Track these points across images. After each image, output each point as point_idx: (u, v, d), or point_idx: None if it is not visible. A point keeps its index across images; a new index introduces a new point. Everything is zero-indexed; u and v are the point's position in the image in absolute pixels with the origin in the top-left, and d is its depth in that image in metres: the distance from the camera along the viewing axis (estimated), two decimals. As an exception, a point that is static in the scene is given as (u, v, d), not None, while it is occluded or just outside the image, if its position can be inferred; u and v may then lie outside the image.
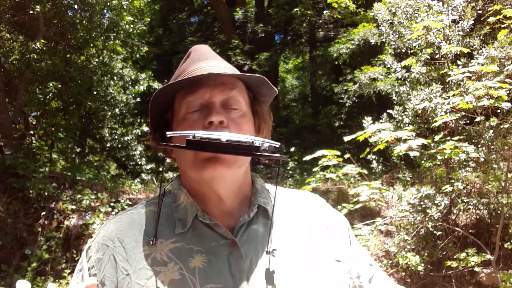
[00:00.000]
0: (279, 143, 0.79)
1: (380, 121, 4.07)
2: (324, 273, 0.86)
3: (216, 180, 0.84)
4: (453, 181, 3.94)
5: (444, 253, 4.08)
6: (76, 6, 6.65)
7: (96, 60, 7.51)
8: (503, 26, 3.41)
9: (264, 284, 0.81)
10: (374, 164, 5.81)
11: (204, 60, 0.92)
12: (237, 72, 0.92)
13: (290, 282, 0.82)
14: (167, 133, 0.79)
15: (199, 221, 0.85)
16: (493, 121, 3.32)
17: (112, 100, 8.11)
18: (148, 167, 9.48)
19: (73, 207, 5.62)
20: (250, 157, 0.88)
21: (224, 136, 0.74)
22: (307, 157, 3.73)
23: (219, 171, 0.82)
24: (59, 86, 7.21)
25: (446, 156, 3.32)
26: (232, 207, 0.89)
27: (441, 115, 3.43)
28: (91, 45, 7.10)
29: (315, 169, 5.20)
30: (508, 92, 2.97)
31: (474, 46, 3.88)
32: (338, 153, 3.71)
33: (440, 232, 4.08)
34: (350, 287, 0.92)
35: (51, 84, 7.02)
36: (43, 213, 5.54)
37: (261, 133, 0.96)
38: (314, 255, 0.88)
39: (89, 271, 0.86)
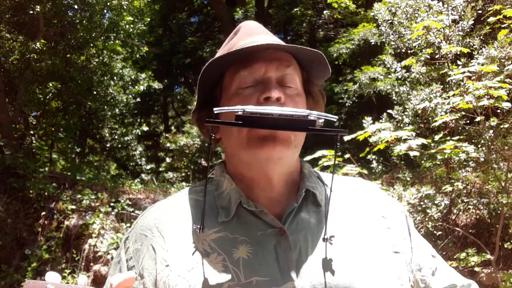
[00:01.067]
0: (337, 117, 0.73)
1: (380, 121, 4.06)
2: (383, 265, 0.79)
3: (272, 161, 0.78)
4: (453, 181, 3.94)
5: (444, 253, 4.08)
6: (76, 6, 6.65)
7: (96, 60, 7.51)
8: (503, 26, 3.41)
9: (316, 275, 0.74)
10: (374, 164, 5.81)
11: (257, 35, 0.86)
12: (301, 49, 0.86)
13: (346, 273, 0.75)
14: (214, 109, 0.71)
15: (244, 208, 0.80)
16: (493, 121, 3.32)
17: (112, 100, 8.11)
18: (148, 167, 9.49)
19: (73, 207, 5.61)
20: (304, 136, 0.84)
21: (276, 110, 0.68)
22: (307, 157, 3.73)
23: (277, 151, 0.76)
24: (59, 86, 7.21)
25: (446, 156, 3.32)
26: (280, 193, 0.83)
27: (441, 115, 3.43)
28: (91, 45, 7.10)
29: (315, 168, 5.20)
30: (508, 92, 2.97)
31: (474, 46, 3.88)
32: (338, 153, 3.70)
33: (440, 232, 4.08)
34: (411, 280, 0.85)
35: (51, 84, 7.01)
36: (43, 213, 5.54)
37: None
38: (371, 245, 0.81)
39: (127, 263, 0.82)
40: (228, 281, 0.73)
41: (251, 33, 0.86)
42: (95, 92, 7.86)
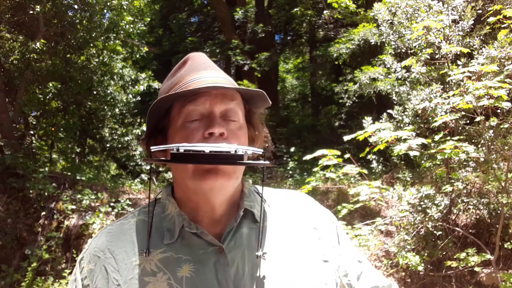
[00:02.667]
0: (262, 150, 0.81)
1: (380, 121, 4.07)
2: (312, 274, 0.87)
3: (214, 191, 0.85)
4: (453, 181, 3.95)
5: (444, 253, 4.08)
6: (76, 6, 6.65)
7: (96, 60, 7.51)
8: (503, 26, 3.41)
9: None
10: (374, 164, 5.81)
11: (204, 70, 0.92)
12: (235, 84, 0.93)
13: (279, 285, 0.82)
14: (151, 147, 0.79)
15: (187, 230, 0.86)
16: (493, 121, 3.32)
17: (112, 100, 8.11)
18: (148, 167, 9.47)
19: (73, 207, 5.62)
20: (244, 167, 0.90)
21: (207, 147, 0.75)
22: (307, 157, 3.73)
23: (219, 183, 0.83)
24: (59, 86, 7.21)
25: (446, 156, 3.32)
26: (222, 215, 0.90)
27: (441, 115, 3.43)
28: (91, 45, 7.10)
29: (315, 169, 5.20)
30: (508, 92, 2.97)
31: (474, 46, 3.88)
32: (338, 153, 3.71)
33: (440, 232, 4.08)
34: (338, 285, 0.92)
35: (51, 84, 7.02)
36: (43, 213, 5.54)
37: (256, 143, 0.97)
38: (302, 256, 0.88)
39: (82, 282, 0.88)
40: None
41: (198, 68, 0.92)
42: (95, 92, 7.86)
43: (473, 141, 3.91)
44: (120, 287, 0.83)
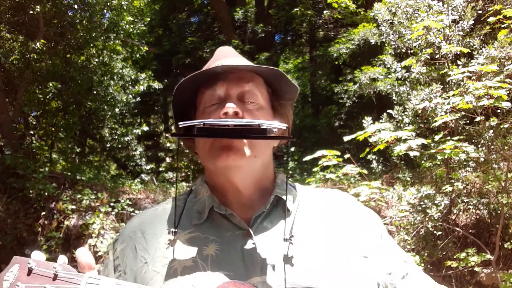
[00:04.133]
0: (286, 125, 0.81)
1: (380, 121, 4.06)
2: (349, 267, 0.83)
3: (230, 169, 0.87)
4: (453, 181, 3.94)
5: (444, 253, 4.08)
6: (76, 6, 6.64)
7: (96, 60, 7.51)
8: (503, 26, 3.40)
9: (277, 275, 0.79)
10: (374, 164, 5.81)
11: (224, 58, 0.96)
12: (250, 65, 0.94)
13: (306, 275, 0.80)
14: (179, 123, 0.81)
15: (216, 212, 0.88)
16: (493, 121, 3.32)
17: (112, 100, 8.11)
18: (148, 167, 9.49)
19: (73, 207, 5.61)
20: (270, 150, 0.93)
21: (231, 121, 0.77)
22: (307, 157, 3.73)
23: (232, 159, 0.84)
24: (59, 86, 7.21)
25: (446, 156, 3.32)
26: (251, 199, 0.90)
27: (441, 115, 3.43)
28: (91, 45, 7.10)
29: (315, 169, 5.20)
30: (508, 92, 2.97)
31: (474, 46, 3.88)
32: (338, 153, 3.71)
33: (440, 232, 4.08)
34: (380, 285, 0.88)
35: (51, 84, 7.02)
36: (43, 213, 5.53)
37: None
38: (338, 250, 0.85)
39: (114, 262, 0.91)
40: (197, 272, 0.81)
41: (219, 58, 0.97)
42: (95, 92, 7.86)
43: (473, 141, 3.91)
44: (147, 265, 0.85)
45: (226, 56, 0.97)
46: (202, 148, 0.90)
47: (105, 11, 6.97)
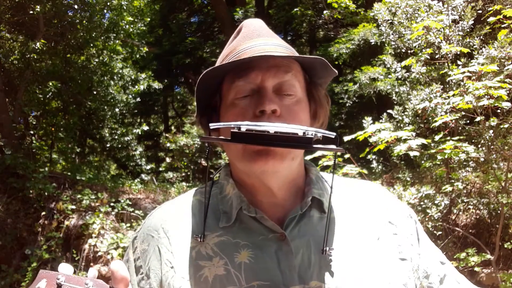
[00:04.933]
0: (335, 134, 0.71)
1: (380, 121, 4.06)
2: (387, 273, 0.78)
3: (267, 174, 0.78)
4: (453, 181, 3.94)
5: (444, 253, 4.07)
6: (76, 6, 6.65)
7: (96, 60, 7.51)
8: (503, 26, 3.40)
9: (317, 282, 0.74)
10: (374, 164, 5.80)
11: (257, 38, 0.83)
12: (293, 51, 0.84)
13: (347, 282, 0.75)
14: (210, 125, 0.70)
15: (245, 213, 0.80)
16: (493, 121, 3.31)
17: (112, 100, 8.11)
18: (148, 167, 9.48)
19: (73, 207, 5.61)
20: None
21: (272, 127, 0.67)
22: (307, 157, 3.72)
23: (271, 165, 0.76)
24: (59, 86, 7.21)
25: (446, 156, 3.32)
26: (283, 199, 0.82)
27: (441, 115, 3.43)
28: (91, 45, 7.10)
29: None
30: (508, 92, 2.97)
31: (474, 46, 3.88)
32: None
33: (440, 232, 4.08)
34: (417, 287, 0.84)
35: (51, 84, 7.02)
36: (43, 213, 5.53)
37: (318, 120, 0.89)
38: (375, 252, 0.79)
39: (134, 263, 0.83)
40: (230, 285, 0.74)
41: (251, 36, 0.84)
42: (95, 92, 7.86)
43: (473, 141, 3.91)
44: (174, 270, 0.78)
45: (259, 35, 0.83)
46: (234, 149, 0.80)
47: (105, 11, 6.97)
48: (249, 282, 0.74)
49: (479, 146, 3.73)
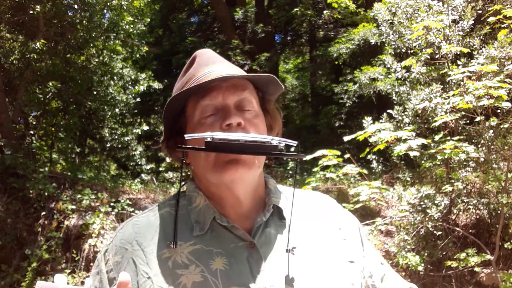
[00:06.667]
0: (296, 142, 0.79)
1: (380, 121, 4.06)
2: (339, 274, 0.87)
3: (236, 182, 0.85)
4: (453, 181, 3.95)
5: (444, 253, 4.08)
6: (76, 6, 6.65)
7: (96, 60, 7.50)
8: (503, 26, 3.41)
9: (282, 284, 0.81)
10: (374, 164, 5.81)
11: (212, 64, 0.92)
12: (244, 73, 0.93)
13: (307, 282, 0.83)
14: (185, 135, 0.77)
15: (217, 223, 0.86)
16: (493, 121, 3.32)
17: (112, 100, 8.10)
18: (148, 167, 9.48)
19: (73, 207, 5.61)
20: (265, 157, 0.90)
21: (242, 136, 0.74)
22: (307, 157, 3.73)
23: (240, 173, 0.83)
24: (59, 86, 7.21)
25: (446, 156, 3.32)
26: (248, 209, 0.90)
27: (441, 115, 3.43)
28: (91, 45, 7.10)
29: (315, 169, 5.20)
30: (508, 92, 2.97)
31: (474, 46, 3.88)
32: (338, 153, 3.71)
33: (440, 232, 4.08)
34: (363, 286, 0.93)
35: (51, 84, 7.01)
36: (43, 213, 5.53)
37: (274, 131, 0.97)
38: (329, 255, 0.88)
39: (107, 274, 0.85)
40: None
41: (206, 63, 0.93)
42: (95, 92, 7.86)
43: (473, 141, 3.91)
44: (151, 280, 0.81)
45: (214, 62, 0.94)
46: (204, 160, 0.86)
47: (105, 11, 6.97)
48: (226, 287, 0.79)
49: (479, 146, 3.73)
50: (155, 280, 0.80)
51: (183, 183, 0.94)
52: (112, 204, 5.81)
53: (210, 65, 0.92)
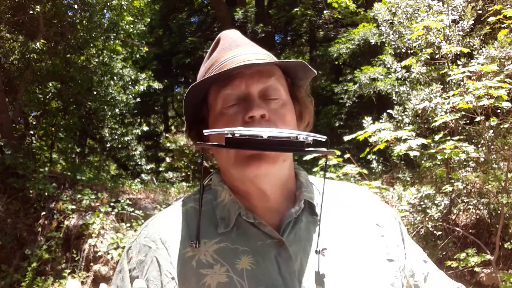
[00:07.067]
0: (326, 137, 0.72)
1: (380, 121, 4.06)
2: (376, 273, 0.80)
3: (260, 177, 0.80)
4: (453, 181, 3.94)
5: (444, 253, 4.08)
6: (76, 6, 6.65)
7: (96, 60, 7.51)
8: (503, 26, 3.40)
9: (314, 286, 0.76)
10: (374, 164, 5.81)
11: (236, 48, 0.85)
12: (272, 57, 0.86)
13: (341, 284, 0.77)
14: (204, 131, 0.70)
15: (243, 219, 0.81)
16: (493, 121, 3.31)
17: (112, 100, 8.11)
18: (148, 167, 9.49)
19: (73, 207, 5.62)
20: None
21: (265, 132, 0.68)
22: (307, 157, 3.73)
23: (263, 169, 0.77)
24: (59, 86, 7.21)
25: (446, 156, 3.32)
26: (277, 203, 0.84)
27: (441, 115, 3.43)
28: (91, 45, 7.11)
29: (315, 169, 5.20)
30: (508, 92, 2.97)
31: (474, 46, 3.88)
32: (338, 153, 3.70)
33: (440, 232, 4.08)
34: (404, 286, 0.86)
35: (51, 84, 7.02)
36: (43, 213, 5.54)
37: (304, 120, 0.90)
38: (365, 254, 0.82)
39: (130, 273, 0.82)
40: None
41: (230, 47, 0.86)
42: (95, 92, 7.86)
43: (473, 141, 3.91)
44: (175, 280, 0.77)
45: (238, 45, 0.85)
46: (226, 155, 0.81)
47: (105, 11, 6.97)
48: None
49: (479, 146, 3.73)
50: (180, 281, 0.77)
51: (207, 176, 0.88)
52: (112, 204, 5.82)
53: (234, 49, 0.85)
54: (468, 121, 3.92)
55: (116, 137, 8.95)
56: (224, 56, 0.84)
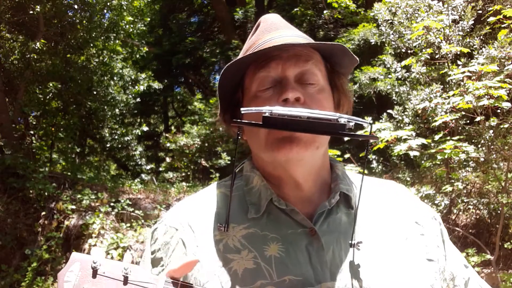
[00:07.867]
0: (369, 121, 0.69)
1: (380, 121, 4.07)
2: (414, 272, 0.77)
3: (292, 162, 0.77)
4: (453, 181, 3.94)
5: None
6: (76, 6, 6.65)
7: (96, 60, 7.51)
8: (503, 26, 3.40)
9: (348, 279, 0.72)
10: (374, 164, 5.80)
11: (275, 30, 0.83)
12: (312, 40, 0.84)
13: (377, 279, 0.73)
14: (241, 109, 0.68)
15: (274, 206, 0.78)
16: (493, 121, 3.32)
17: (112, 100, 8.11)
18: (148, 167, 9.49)
19: (73, 207, 5.61)
20: (329, 137, 0.81)
21: (304, 113, 0.64)
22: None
23: (295, 152, 0.74)
24: (59, 86, 7.21)
25: (446, 156, 3.32)
26: (310, 192, 0.81)
27: (441, 115, 3.43)
28: (91, 45, 7.11)
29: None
30: (508, 92, 2.97)
31: (474, 46, 3.88)
32: (338, 152, 3.71)
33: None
34: None
35: (51, 84, 7.02)
36: (43, 213, 5.53)
37: (342, 108, 0.87)
38: (403, 251, 0.78)
39: (154, 254, 0.81)
40: (261, 279, 0.72)
41: (269, 30, 0.84)
42: (95, 92, 7.86)
43: (473, 141, 3.91)
44: (200, 264, 0.74)
45: (277, 28, 0.84)
46: (256, 136, 0.78)
47: (105, 11, 6.97)
48: (280, 276, 0.71)
49: (479, 146, 3.73)
50: (205, 264, 0.74)
51: (238, 163, 0.86)
52: (112, 204, 5.81)
53: (273, 31, 0.83)
54: (468, 121, 3.92)
55: (116, 137, 8.95)
56: (262, 38, 0.83)
